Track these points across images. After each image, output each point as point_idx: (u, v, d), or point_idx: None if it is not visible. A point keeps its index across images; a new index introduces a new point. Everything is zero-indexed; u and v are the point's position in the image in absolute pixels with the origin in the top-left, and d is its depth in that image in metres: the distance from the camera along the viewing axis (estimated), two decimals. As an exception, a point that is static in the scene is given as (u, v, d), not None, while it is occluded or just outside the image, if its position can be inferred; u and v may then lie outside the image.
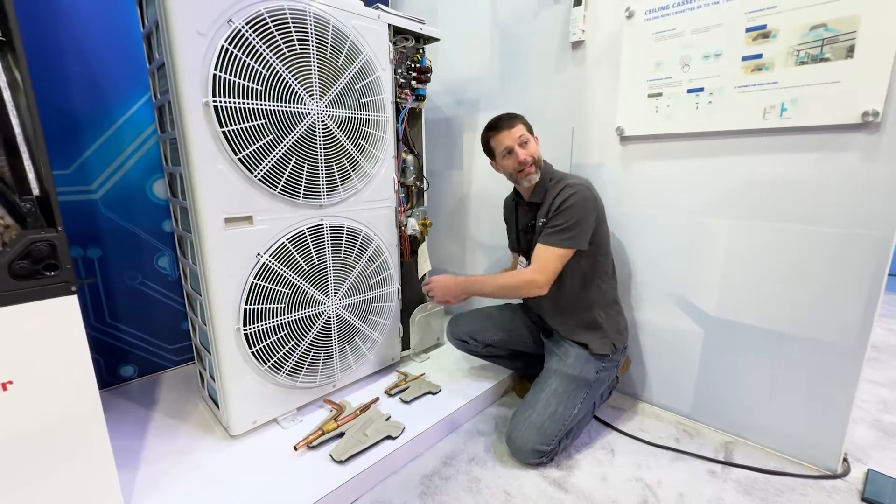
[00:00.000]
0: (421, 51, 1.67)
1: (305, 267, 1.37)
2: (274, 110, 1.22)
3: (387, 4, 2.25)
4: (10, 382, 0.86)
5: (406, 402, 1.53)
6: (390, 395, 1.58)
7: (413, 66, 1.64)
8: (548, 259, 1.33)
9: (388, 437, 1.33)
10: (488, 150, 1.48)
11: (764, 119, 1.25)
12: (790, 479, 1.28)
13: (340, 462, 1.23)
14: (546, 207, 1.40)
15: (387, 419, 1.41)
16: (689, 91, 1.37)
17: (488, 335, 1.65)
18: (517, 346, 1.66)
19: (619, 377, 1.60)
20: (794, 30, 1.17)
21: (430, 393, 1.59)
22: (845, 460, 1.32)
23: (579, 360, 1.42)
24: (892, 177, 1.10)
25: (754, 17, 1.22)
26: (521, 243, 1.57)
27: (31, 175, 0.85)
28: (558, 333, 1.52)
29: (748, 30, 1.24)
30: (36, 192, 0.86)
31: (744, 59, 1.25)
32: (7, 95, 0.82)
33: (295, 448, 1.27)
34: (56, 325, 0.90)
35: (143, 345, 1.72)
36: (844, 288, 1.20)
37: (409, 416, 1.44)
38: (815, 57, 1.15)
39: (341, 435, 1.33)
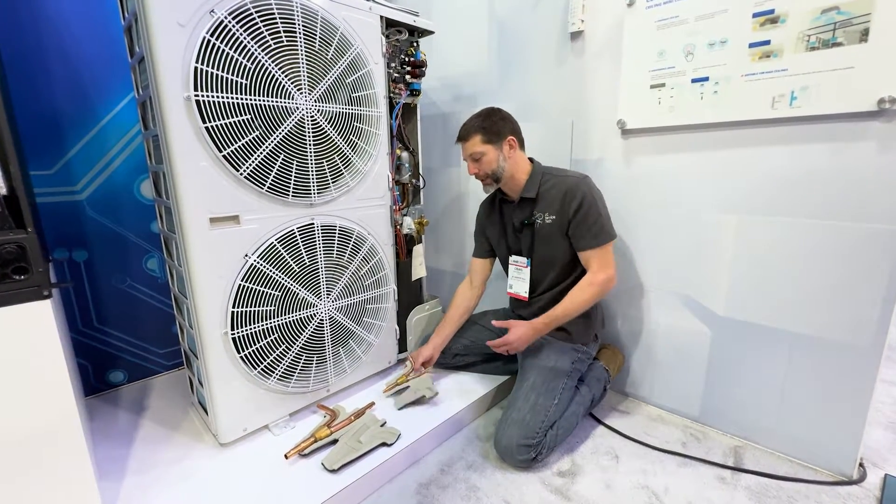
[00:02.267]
0: (415, 44, 1.62)
1: (296, 268, 1.32)
2: (260, 105, 1.17)
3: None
4: (-22, 393, 0.82)
5: (403, 405, 1.48)
6: (388, 395, 1.53)
7: (407, 59, 1.59)
8: (602, 257, 1.37)
9: (384, 444, 1.28)
10: None
11: (773, 109, 1.19)
12: (803, 486, 1.22)
13: (333, 471, 1.18)
14: (553, 205, 1.39)
15: (382, 425, 1.35)
16: (694, 81, 1.31)
17: (451, 345, 1.67)
18: (486, 349, 1.65)
19: (611, 374, 1.55)
20: (804, 14, 1.11)
21: (423, 397, 1.53)
22: (861, 465, 1.26)
23: (553, 352, 1.44)
24: (911, 167, 1.04)
25: (762, 1, 1.16)
26: (513, 243, 1.54)
27: (-3, 173, 0.80)
28: None
29: (755, 15, 1.18)
30: (3, 191, 0.82)
31: (751, 45, 1.20)
32: (-30, 89, 0.77)
33: (286, 456, 1.22)
34: (27, 331, 0.86)
35: (132, 349, 1.67)
36: (860, 285, 1.14)
37: (405, 421, 1.39)
38: (827, 42, 1.09)
39: (334, 442, 1.28)
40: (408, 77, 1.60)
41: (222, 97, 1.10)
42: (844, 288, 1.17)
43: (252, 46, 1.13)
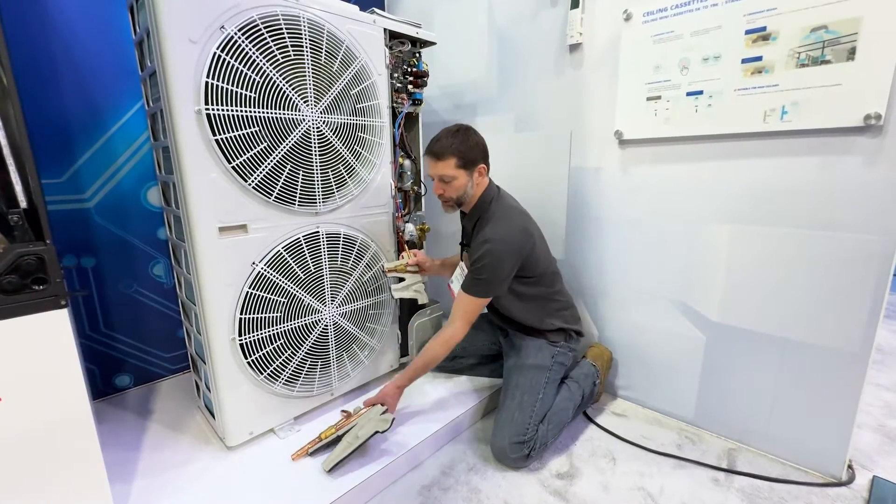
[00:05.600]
0: (417, 55, 1.66)
1: (302, 275, 1.35)
2: (268, 117, 1.20)
3: (383, 8, 2.24)
4: (-1, 399, 0.84)
5: (400, 297, 1.60)
6: (389, 275, 1.60)
7: (409, 70, 1.63)
8: (466, 307, 1.38)
9: (377, 432, 1.27)
10: None
11: (764, 122, 1.23)
12: (794, 487, 1.26)
13: (328, 471, 1.20)
14: (475, 242, 1.41)
15: (383, 413, 1.33)
16: (689, 94, 1.35)
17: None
18: (481, 350, 1.73)
19: (600, 370, 1.60)
20: (794, 32, 1.15)
21: (416, 301, 1.63)
22: (850, 467, 1.30)
23: (532, 350, 1.49)
24: (895, 181, 1.08)
25: (754, 18, 1.21)
26: (463, 250, 1.62)
27: (18, 187, 0.83)
28: (513, 331, 1.58)
29: (748, 32, 1.22)
30: (23, 204, 0.85)
31: (743, 61, 1.24)
32: (-7, 106, 0.80)
33: (292, 458, 1.25)
34: (46, 339, 0.89)
35: (138, 354, 1.70)
36: (848, 293, 1.18)
37: (407, 424, 1.43)
38: (816, 59, 1.13)
39: (339, 440, 1.31)
40: (410, 87, 1.64)
41: (232, 110, 1.14)
42: (833, 295, 1.21)
43: (260, 60, 1.17)
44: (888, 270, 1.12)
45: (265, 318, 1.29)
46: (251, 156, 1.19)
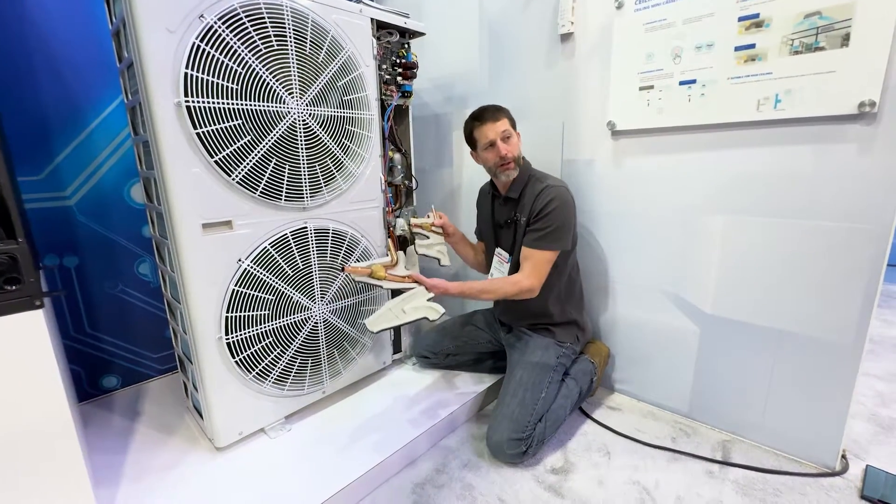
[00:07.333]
0: (406, 46, 1.62)
1: (290, 272, 1.32)
2: (251, 110, 1.17)
3: (371, -2, 2.19)
4: (-29, 404, 0.81)
5: (423, 253, 1.58)
6: (414, 231, 1.58)
7: (398, 61, 1.59)
8: (538, 263, 1.38)
9: (426, 319, 1.28)
10: (471, 141, 1.47)
11: (758, 111, 1.21)
12: (789, 478, 1.26)
13: (373, 332, 1.24)
14: (527, 206, 1.42)
15: (429, 299, 1.32)
16: (681, 83, 1.33)
17: (444, 345, 1.72)
18: (477, 347, 1.71)
19: (597, 367, 1.59)
20: (787, 18, 1.13)
21: (439, 261, 1.60)
22: (843, 457, 1.30)
23: (539, 348, 1.48)
24: (889, 169, 1.07)
25: (747, 5, 1.19)
26: (496, 237, 1.58)
27: (-14, 184, 0.80)
28: (519, 327, 1.57)
29: (741, 19, 1.20)
30: (-7, 201, 0.81)
31: (736, 49, 1.22)
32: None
33: (342, 269, 1.31)
34: (20, 341, 0.86)
35: (125, 354, 1.67)
36: (841, 283, 1.17)
37: (402, 420, 1.41)
38: (810, 46, 1.11)
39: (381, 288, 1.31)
40: (399, 79, 1.61)
41: (213, 102, 1.10)
42: (827, 286, 1.20)
43: (242, 51, 1.13)
44: (882, 259, 1.11)
45: (253, 316, 1.26)
46: (235, 149, 1.15)
